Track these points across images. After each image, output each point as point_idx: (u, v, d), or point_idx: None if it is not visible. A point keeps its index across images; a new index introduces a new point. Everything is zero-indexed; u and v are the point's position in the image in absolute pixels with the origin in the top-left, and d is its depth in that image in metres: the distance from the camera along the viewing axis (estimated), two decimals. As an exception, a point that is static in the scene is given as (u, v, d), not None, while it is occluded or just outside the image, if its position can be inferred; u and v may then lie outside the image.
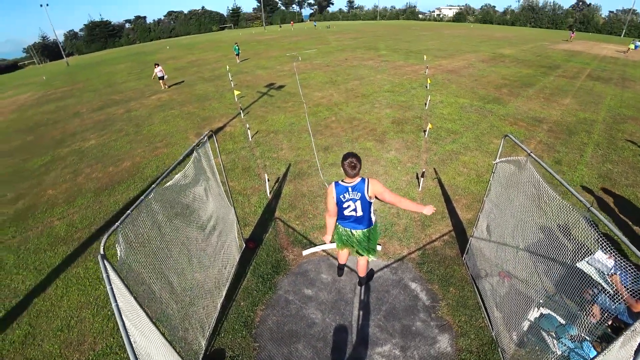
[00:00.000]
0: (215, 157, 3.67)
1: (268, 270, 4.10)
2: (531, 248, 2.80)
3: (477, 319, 3.38)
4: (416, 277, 3.93)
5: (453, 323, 3.36)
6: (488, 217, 3.56)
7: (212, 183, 3.59)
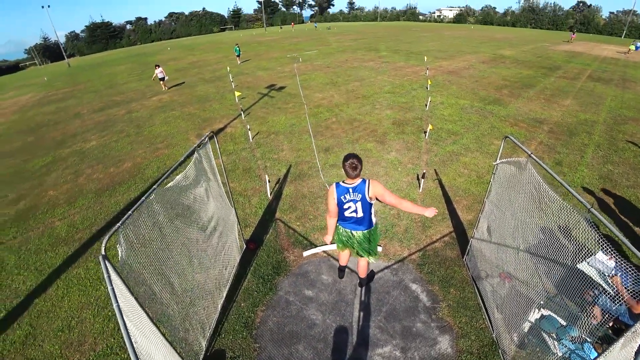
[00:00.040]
0: (216, 158, 3.68)
1: (269, 271, 4.11)
2: (532, 249, 2.80)
3: (478, 320, 3.37)
4: (417, 278, 3.93)
5: (454, 324, 3.35)
6: (489, 218, 3.56)
7: (213, 184, 3.59)
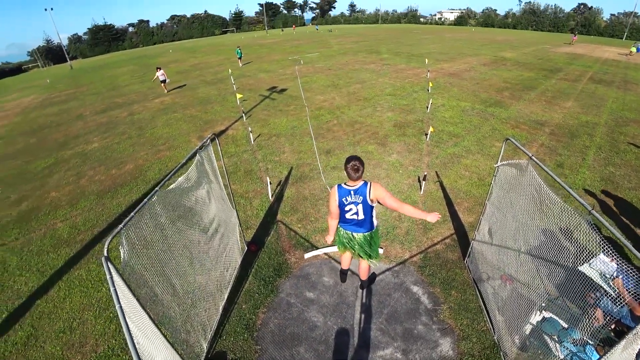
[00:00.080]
0: (217, 160, 3.69)
1: (270, 273, 4.11)
2: (533, 251, 2.79)
3: (479, 323, 3.37)
4: (418, 281, 3.93)
5: (455, 326, 3.35)
6: (490, 220, 3.56)
7: (215, 186, 3.61)
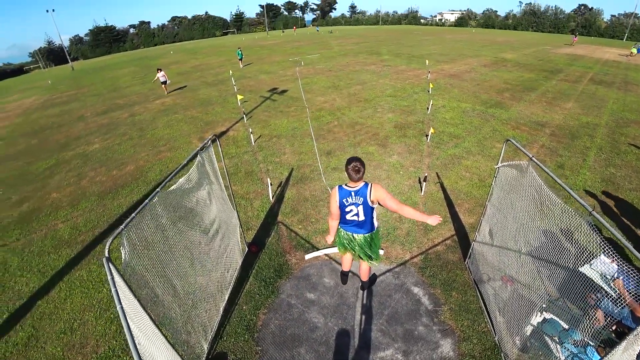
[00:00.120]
0: (218, 161, 3.70)
1: (270, 274, 4.11)
2: (534, 252, 2.80)
3: (480, 324, 3.36)
4: (418, 282, 3.93)
5: (455, 327, 3.34)
6: (490, 222, 3.56)
7: (216, 187, 3.61)
